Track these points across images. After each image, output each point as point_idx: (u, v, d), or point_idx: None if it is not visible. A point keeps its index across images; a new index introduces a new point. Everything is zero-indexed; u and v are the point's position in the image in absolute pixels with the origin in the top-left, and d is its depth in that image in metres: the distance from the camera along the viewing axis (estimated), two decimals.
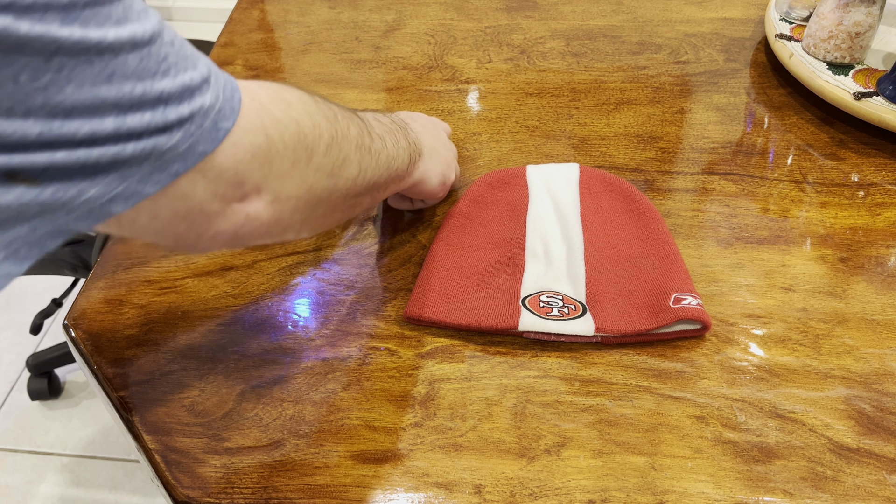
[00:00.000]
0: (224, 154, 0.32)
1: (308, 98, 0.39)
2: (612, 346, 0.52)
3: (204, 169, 0.32)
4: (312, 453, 0.46)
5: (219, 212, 0.34)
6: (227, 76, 0.34)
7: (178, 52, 0.30)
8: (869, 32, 0.71)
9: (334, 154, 0.39)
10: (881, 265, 0.57)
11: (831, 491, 0.43)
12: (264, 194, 0.35)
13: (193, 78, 0.31)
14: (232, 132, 0.32)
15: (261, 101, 0.35)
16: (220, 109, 0.32)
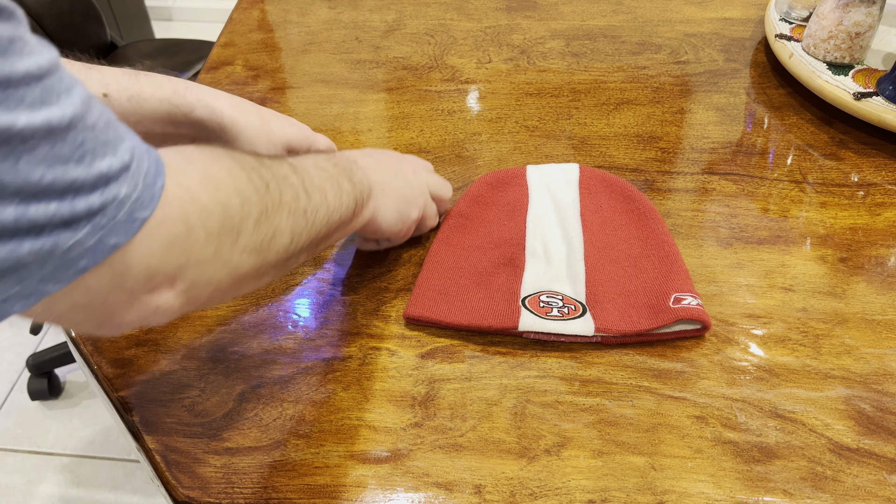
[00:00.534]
0: (137, 247, 0.30)
1: (240, 170, 0.37)
2: (612, 346, 0.52)
3: (113, 263, 0.29)
4: (312, 453, 0.46)
5: (124, 304, 0.31)
6: (153, 158, 0.31)
7: (100, 136, 0.28)
8: (869, 32, 0.71)
9: (264, 230, 0.37)
10: (881, 265, 0.57)
11: (831, 491, 0.43)
12: (179, 283, 0.33)
13: (112, 165, 0.28)
14: (148, 223, 0.30)
15: (187, 185, 0.32)
16: (137, 198, 0.29)
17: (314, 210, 0.42)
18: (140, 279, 0.31)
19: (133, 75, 0.49)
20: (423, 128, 0.73)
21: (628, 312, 0.52)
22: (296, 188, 0.41)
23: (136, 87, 0.48)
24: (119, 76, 0.48)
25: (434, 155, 0.70)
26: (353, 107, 0.76)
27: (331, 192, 0.44)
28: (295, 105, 0.77)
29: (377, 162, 0.54)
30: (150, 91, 0.49)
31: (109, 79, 0.47)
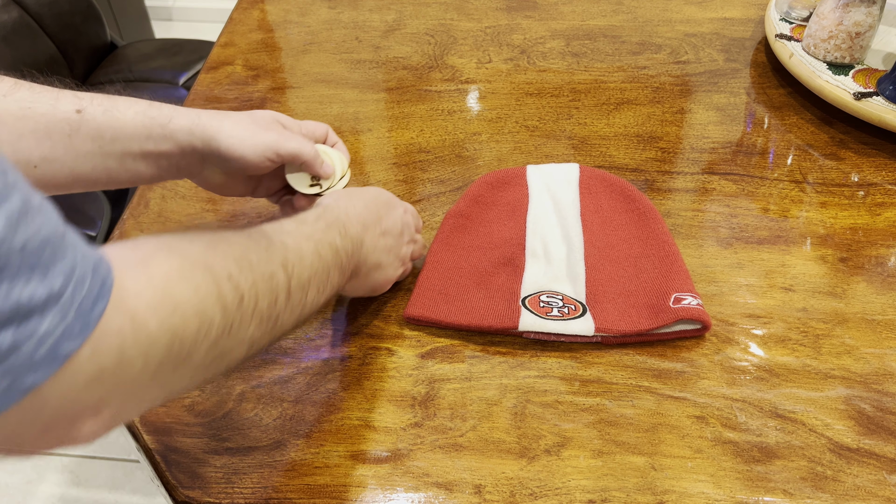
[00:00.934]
0: (58, 383, 0.25)
1: (210, 283, 0.32)
2: (612, 346, 0.51)
3: (27, 401, 0.25)
4: (312, 453, 0.46)
5: (38, 436, 0.27)
6: (99, 277, 0.26)
7: (28, 258, 0.23)
8: (869, 32, 0.71)
9: (220, 348, 0.33)
10: (881, 265, 0.57)
11: (831, 491, 0.43)
12: (104, 412, 0.28)
13: (35, 294, 0.24)
14: (75, 357, 0.25)
15: (133, 311, 0.28)
16: (64, 331, 0.25)
17: (290, 313, 0.39)
18: (58, 414, 0.27)
19: (109, 96, 0.47)
20: (423, 128, 0.73)
21: (628, 312, 0.52)
22: (277, 292, 0.37)
23: (111, 102, 0.47)
24: (94, 95, 0.47)
25: (434, 155, 0.70)
26: (353, 107, 0.76)
27: (314, 289, 0.41)
28: (295, 105, 0.77)
29: (361, 224, 0.49)
30: (126, 104, 0.47)
31: (83, 96, 0.46)
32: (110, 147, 0.46)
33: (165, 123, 0.47)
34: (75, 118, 0.45)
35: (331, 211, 0.46)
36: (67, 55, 1.32)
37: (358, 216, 0.48)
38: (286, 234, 0.41)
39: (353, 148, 0.71)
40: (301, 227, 0.43)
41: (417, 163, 0.69)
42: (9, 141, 0.42)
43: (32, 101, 0.44)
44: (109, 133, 0.46)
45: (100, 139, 0.46)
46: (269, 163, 0.50)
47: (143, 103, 0.48)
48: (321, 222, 0.44)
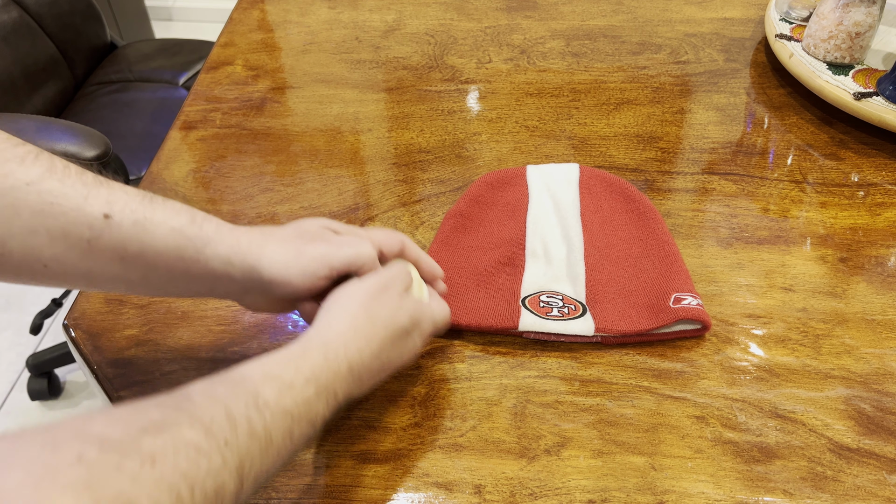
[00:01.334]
0: None
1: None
2: (612, 347, 0.51)
3: None
4: (312, 453, 0.46)
5: None
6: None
7: None
8: (869, 32, 0.71)
9: None
10: (881, 265, 0.57)
11: (831, 491, 0.43)
12: None
13: None
14: None
15: None
16: None
17: None
18: None
19: (148, 199, 0.41)
20: (423, 128, 0.73)
21: (628, 312, 0.52)
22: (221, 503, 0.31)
23: (147, 210, 0.40)
24: (130, 198, 0.40)
25: (434, 155, 0.70)
26: (353, 107, 0.76)
27: (268, 472, 0.35)
28: (295, 105, 0.77)
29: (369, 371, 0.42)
30: (164, 216, 0.40)
31: (117, 198, 0.39)
32: (133, 261, 0.40)
33: (201, 248, 0.41)
34: (100, 224, 0.39)
35: (332, 364, 0.39)
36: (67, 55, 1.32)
37: (362, 365, 0.41)
38: (258, 410, 0.34)
39: (353, 148, 0.71)
40: (283, 398, 0.36)
41: (417, 163, 0.69)
42: (20, 235, 0.37)
43: (58, 196, 0.38)
44: (135, 247, 0.40)
45: (122, 251, 0.40)
46: (322, 282, 0.44)
47: (183, 216, 0.41)
48: (311, 387, 0.37)
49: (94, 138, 0.97)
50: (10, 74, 1.18)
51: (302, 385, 0.37)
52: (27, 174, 0.37)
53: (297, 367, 0.38)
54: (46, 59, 1.27)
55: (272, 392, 0.35)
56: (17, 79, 1.19)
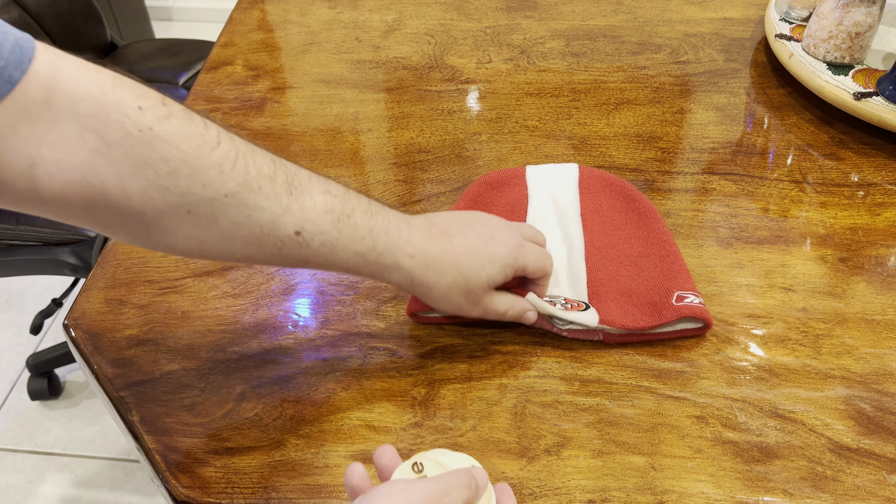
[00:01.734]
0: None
1: None
2: (612, 346, 0.51)
3: None
4: (312, 453, 0.46)
5: None
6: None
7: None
8: (869, 32, 0.71)
9: None
10: (881, 265, 0.57)
11: (831, 491, 0.43)
12: None
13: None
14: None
15: None
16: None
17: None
18: None
19: (335, 219, 0.43)
20: (423, 128, 0.73)
21: (630, 310, 0.52)
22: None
23: (333, 232, 0.43)
24: (319, 217, 0.43)
25: (434, 155, 0.70)
26: (353, 107, 0.76)
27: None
28: (295, 105, 0.77)
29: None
30: (350, 238, 0.44)
31: (308, 216, 0.42)
32: (317, 268, 0.46)
33: (381, 273, 0.46)
34: (291, 239, 0.42)
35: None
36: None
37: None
38: None
39: (352, 148, 0.71)
40: None
41: (417, 163, 0.69)
42: (217, 239, 0.41)
43: (254, 210, 0.40)
44: (319, 261, 0.44)
45: (307, 262, 0.44)
46: None
47: (368, 238, 0.44)
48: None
49: None
50: None
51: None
52: (225, 185, 0.39)
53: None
54: None
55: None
56: None
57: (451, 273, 0.46)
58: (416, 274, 0.46)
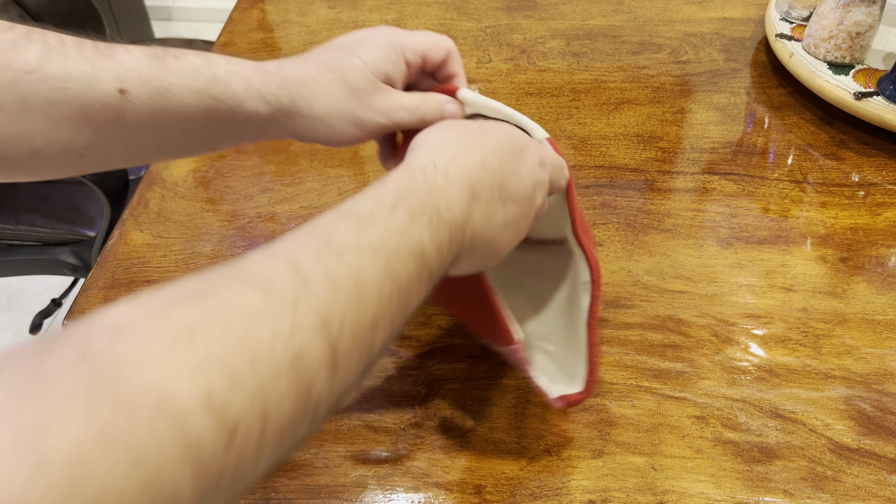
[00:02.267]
0: None
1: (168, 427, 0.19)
2: (613, 346, 0.51)
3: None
4: (312, 453, 0.46)
5: None
6: None
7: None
8: (869, 32, 0.71)
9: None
10: (881, 265, 0.57)
11: (831, 491, 0.43)
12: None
13: None
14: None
15: None
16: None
17: (336, 391, 0.25)
18: None
19: (159, 60, 0.36)
20: None
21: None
22: (310, 379, 0.23)
23: (162, 77, 0.36)
24: (140, 64, 0.36)
25: None
26: None
27: (383, 331, 0.27)
28: None
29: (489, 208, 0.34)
30: (182, 78, 0.36)
31: (127, 68, 0.35)
32: (168, 132, 0.37)
33: (236, 108, 0.38)
34: (118, 101, 0.35)
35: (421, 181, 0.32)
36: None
37: (467, 178, 0.33)
38: (335, 254, 0.26)
39: (352, 148, 0.71)
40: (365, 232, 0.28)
41: None
42: (42, 130, 0.34)
43: (63, 80, 0.34)
44: (164, 119, 0.36)
45: (152, 124, 0.37)
46: (379, 136, 0.41)
47: (203, 75, 0.37)
48: (401, 211, 0.30)
49: None
50: None
51: (386, 213, 0.29)
52: (25, 62, 0.34)
53: (378, 197, 0.31)
54: None
55: (349, 230, 0.28)
56: None
57: (324, 74, 0.38)
58: (283, 93, 0.38)
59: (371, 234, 0.28)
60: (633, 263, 0.58)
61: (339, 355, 0.25)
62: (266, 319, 0.23)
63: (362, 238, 0.28)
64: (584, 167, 0.67)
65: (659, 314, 0.54)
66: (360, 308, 0.26)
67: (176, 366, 0.20)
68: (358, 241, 0.27)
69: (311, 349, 0.23)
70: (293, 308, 0.23)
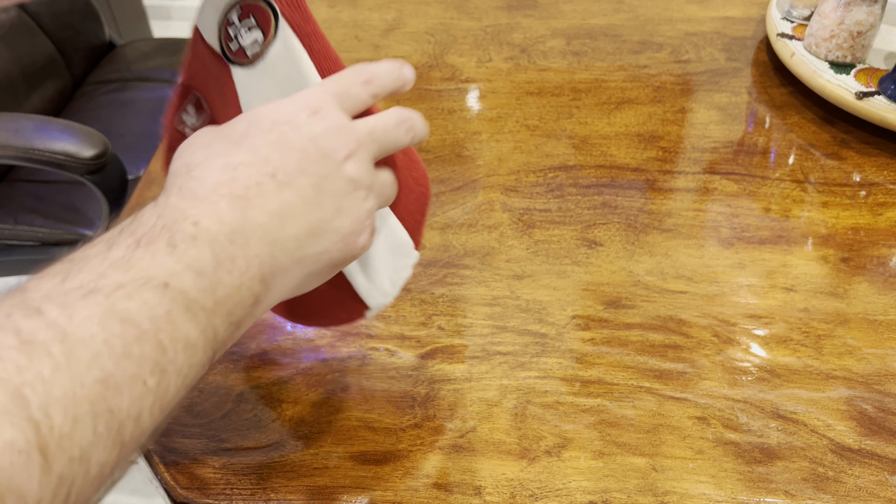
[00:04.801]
0: None
1: None
2: (614, 347, 0.51)
3: None
4: (311, 454, 0.46)
5: None
6: None
7: None
8: (871, 31, 0.71)
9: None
10: (883, 265, 0.57)
11: (833, 492, 0.43)
12: None
13: None
14: None
15: None
16: None
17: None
18: None
19: None
20: None
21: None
22: None
23: None
24: None
25: (434, 154, 0.69)
26: None
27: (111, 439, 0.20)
28: None
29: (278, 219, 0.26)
30: None
31: None
32: None
33: None
34: None
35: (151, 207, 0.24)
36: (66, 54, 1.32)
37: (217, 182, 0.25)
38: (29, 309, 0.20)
39: None
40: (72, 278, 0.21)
41: None
42: None
43: None
44: None
45: None
46: None
47: None
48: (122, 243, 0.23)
49: (93, 137, 0.97)
50: (8, 74, 1.18)
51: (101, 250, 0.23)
52: None
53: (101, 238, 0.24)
54: (45, 58, 1.26)
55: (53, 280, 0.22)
56: (15, 78, 1.19)
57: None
58: None
59: (81, 278, 0.21)
60: (633, 263, 0.58)
61: (50, 440, 0.18)
62: None
63: (68, 284, 0.21)
64: (585, 167, 0.67)
65: (660, 314, 0.53)
66: (74, 368, 0.19)
67: None
68: (63, 287, 0.21)
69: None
70: None
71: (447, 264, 0.58)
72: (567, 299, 0.55)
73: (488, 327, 0.53)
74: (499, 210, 0.63)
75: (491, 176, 0.66)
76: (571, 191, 0.65)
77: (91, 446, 0.19)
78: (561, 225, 0.61)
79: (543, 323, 0.53)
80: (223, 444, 0.47)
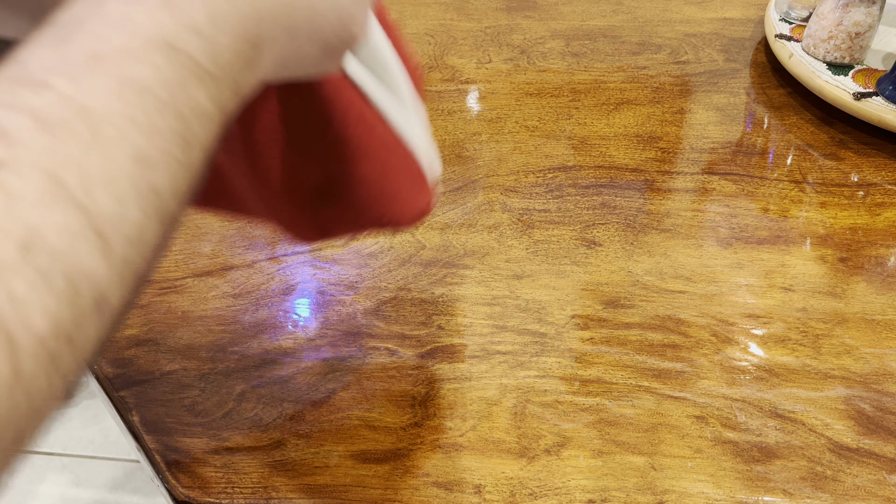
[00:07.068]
0: None
1: None
2: (612, 346, 0.52)
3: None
4: (312, 453, 0.46)
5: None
6: None
7: None
8: (869, 32, 0.71)
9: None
10: (881, 265, 0.57)
11: (831, 491, 0.43)
12: None
13: None
14: None
15: None
16: None
17: None
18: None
19: None
20: None
21: None
22: None
23: None
24: None
25: None
26: None
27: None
28: None
29: None
30: None
31: None
32: None
33: None
34: None
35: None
36: None
37: None
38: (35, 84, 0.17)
39: None
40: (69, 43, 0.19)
41: None
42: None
43: None
44: None
45: None
46: None
47: None
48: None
49: None
50: None
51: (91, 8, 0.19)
52: None
53: None
54: None
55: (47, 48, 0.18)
56: None
57: None
58: None
59: (81, 42, 0.18)
60: (632, 263, 0.58)
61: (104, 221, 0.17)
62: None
63: (68, 50, 0.18)
64: (584, 167, 0.67)
65: (658, 314, 0.54)
66: (104, 146, 0.17)
67: None
68: (64, 54, 0.18)
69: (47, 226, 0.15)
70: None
71: (447, 264, 0.58)
72: (566, 299, 0.55)
73: (488, 327, 0.53)
74: (498, 210, 0.63)
75: (490, 176, 0.67)
76: (571, 191, 0.65)
77: (143, 228, 0.18)
78: (560, 225, 0.62)
79: (543, 322, 0.53)
80: (224, 443, 0.47)
